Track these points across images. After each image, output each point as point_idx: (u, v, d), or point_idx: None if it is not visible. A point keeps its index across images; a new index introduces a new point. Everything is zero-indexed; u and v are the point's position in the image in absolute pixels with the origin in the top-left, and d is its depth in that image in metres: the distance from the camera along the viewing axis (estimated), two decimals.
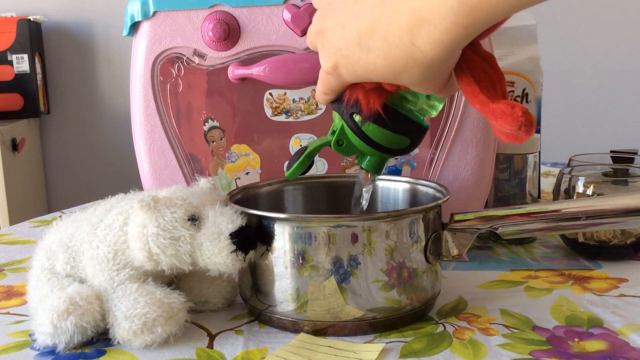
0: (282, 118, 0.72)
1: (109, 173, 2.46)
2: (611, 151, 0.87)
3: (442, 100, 0.53)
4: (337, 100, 0.53)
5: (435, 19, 0.41)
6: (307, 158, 0.57)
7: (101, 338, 0.56)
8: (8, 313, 0.64)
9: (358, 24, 0.45)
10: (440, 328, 0.57)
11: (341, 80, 0.50)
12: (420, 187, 0.66)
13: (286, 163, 0.61)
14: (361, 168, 0.58)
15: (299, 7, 0.68)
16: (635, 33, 2.36)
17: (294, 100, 0.72)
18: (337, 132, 0.54)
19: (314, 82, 0.69)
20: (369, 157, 0.56)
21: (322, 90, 0.52)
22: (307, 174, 0.73)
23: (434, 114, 0.54)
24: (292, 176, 0.58)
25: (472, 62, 0.46)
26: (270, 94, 0.72)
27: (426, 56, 0.43)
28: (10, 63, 2.22)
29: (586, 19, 2.35)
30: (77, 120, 2.48)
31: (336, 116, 0.55)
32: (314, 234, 0.54)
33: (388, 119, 0.51)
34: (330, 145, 0.55)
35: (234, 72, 0.70)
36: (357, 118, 0.52)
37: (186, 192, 0.58)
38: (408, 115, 0.52)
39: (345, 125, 0.53)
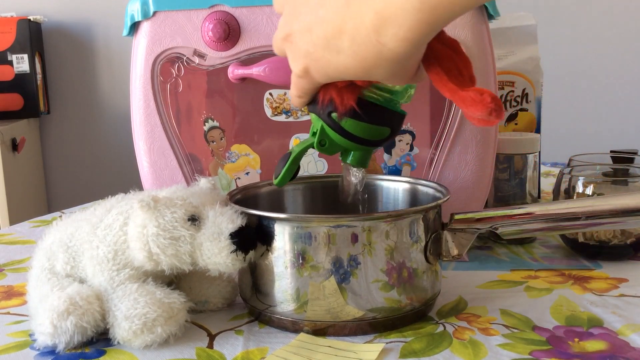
0: (282, 118, 0.72)
1: (109, 173, 2.46)
2: (611, 151, 0.87)
3: (413, 85, 0.54)
4: (312, 102, 0.53)
5: (398, 18, 0.42)
6: (293, 164, 0.58)
7: (101, 338, 0.56)
8: (8, 313, 0.64)
9: (324, 26, 0.46)
10: (440, 328, 0.57)
11: (313, 82, 0.51)
12: (420, 187, 0.66)
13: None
14: (346, 163, 0.58)
15: None
16: (635, 33, 2.36)
17: None
18: (318, 133, 0.55)
19: None
20: (353, 152, 0.57)
21: (296, 93, 0.53)
22: (307, 174, 0.74)
23: (408, 100, 0.55)
24: (281, 184, 0.59)
25: (438, 52, 0.48)
26: (270, 94, 0.72)
27: (394, 53, 0.44)
28: (10, 63, 2.22)
29: (586, 19, 2.35)
30: (77, 120, 2.48)
31: (314, 117, 0.55)
32: (314, 234, 0.54)
33: (364, 112, 0.52)
34: (313, 147, 0.56)
35: (234, 72, 0.70)
36: (334, 116, 0.53)
37: (186, 192, 0.58)
38: (383, 105, 0.53)
39: (324, 124, 0.54)
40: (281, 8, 0.51)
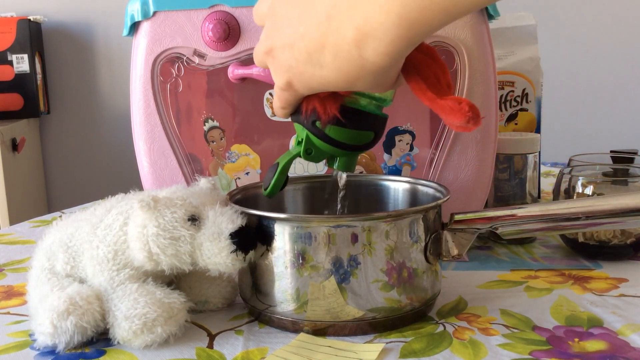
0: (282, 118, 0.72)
1: (109, 173, 2.46)
2: (611, 151, 0.87)
3: (393, 90, 0.55)
4: (295, 112, 0.54)
5: (378, 33, 0.43)
6: (281, 174, 0.58)
7: (101, 338, 0.56)
8: (8, 313, 0.64)
9: (306, 42, 0.47)
10: (440, 328, 0.57)
11: (297, 94, 0.52)
12: (420, 187, 0.66)
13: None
14: (334, 169, 0.59)
15: None
16: (635, 33, 2.36)
17: None
18: (303, 142, 0.55)
19: None
20: (339, 158, 0.58)
21: (280, 105, 0.54)
22: (307, 174, 0.74)
23: (389, 103, 0.55)
24: (271, 195, 0.59)
25: (417, 60, 0.49)
26: (270, 94, 0.72)
27: (376, 66, 0.45)
28: (10, 63, 2.23)
29: (586, 19, 2.35)
30: (77, 120, 2.48)
31: (298, 127, 0.56)
32: (314, 234, 0.54)
33: (347, 119, 0.53)
34: (300, 156, 0.56)
35: (234, 72, 0.70)
36: (318, 124, 0.53)
37: (186, 192, 0.58)
38: (365, 109, 0.54)
39: (309, 133, 0.55)
40: (262, 22, 0.52)
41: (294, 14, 0.48)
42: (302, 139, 0.56)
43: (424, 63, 0.49)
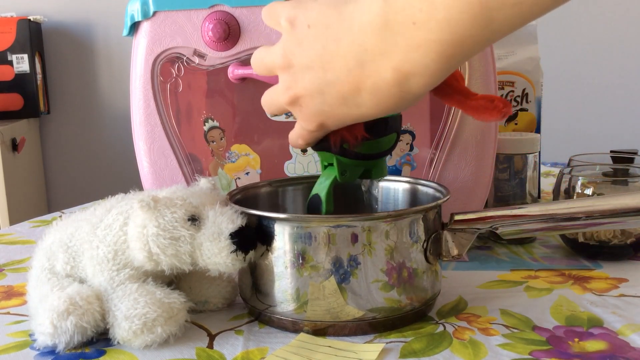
0: (282, 118, 0.72)
1: (109, 173, 2.47)
2: (611, 151, 0.87)
3: None
4: (319, 142, 0.55)
5: (419, 71, 0.44)
6: (328, 204, 0.58)
7: (101, 338, 0.56)
8: (8, 313, 0.64)
9: (338, 87, 0.48)
10: (440, 328, 0.57)
11: (327, 131, 0.53)
12: (420, 187, 0.66)
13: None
14: (371, 179, 0.62)
15: None
16: (636, 33, 2.36)
17: None
18: (336, 166, 0.57)
19: None
20: (373, 168, 0.59)
21: (304, 143, 0.55)
22: (307, 174, 0.74)
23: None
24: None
25: None
26: None
27: (416, 96, 0.47)
28: (10, 63, 2.23)
29: (586, 19, 2.35)
30: (77, 120, 2.48)
31: (322, 154, 0.57)
32: (314, 234, 0.54)
33: (372, 133, 0.54)
34: (337, 180, 0.57)
35: (234, 72, 0.70)
36: (346, 146, 0.55)
37: (186, 192, 0.58)
38: (385, 116, 0.54)
39: (339, 157, 0.56)
40: (267, 71, 0.53)
41: (316, 63, 0.48)
42: (331, 163, 0.57)
43: None
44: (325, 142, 0.55)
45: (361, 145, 0.55)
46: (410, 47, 0.43)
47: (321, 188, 0.58)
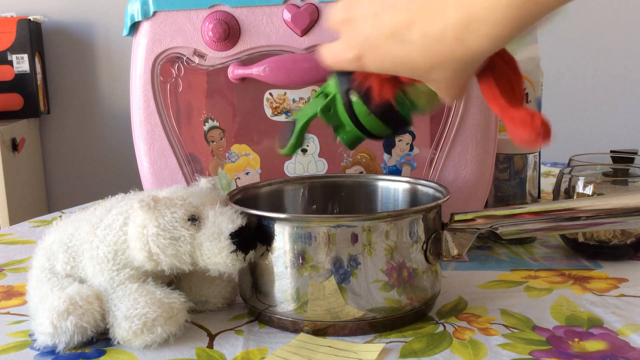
0: (282, 118, 0.72)
1: (109, 173, 2.46)
2: (611, 151, 0.87)
3: (438, 104, 0.53)
4: (342, 72, 0.51)
5: (485, 13, 0.39)
6: (301, 132, 0.55)
7: (101, 338, 0.56)
8: (8, 313, 0.64)
9: (393, 14, 0.43)
10: (440, 328, 0.57)
11: (361, 68, 0.48)
12: (420, 187, 0.66)
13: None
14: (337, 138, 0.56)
15: (299, 7, 0.68)
16: (636, 33, 2.36)
17: (294, 100, 0.72)
18: (328, 100, 0.53)
19: (314, 82, 0.69)
20: (347, 132, 0.55)
21: (331, 61, 0.50)
22: (307, 174, 0.74)
23: (423, 114, 0.54)
24: (290, 153, 0.56)
25: (495, 65, 0.46)
26: (270, 94, 0.72)
27: (469, 51, 0.42)
28: (10, 63, 2.22)
29: (586, 19, 2.35)
30: (77, 120, 2.48)
31: (333, 84, 0.53)
32: (314, 234, 0.54)
33: (384, 110, 0.51)
34: (317, 113, 0.54)
35: (234, 72, 0.70)
36: (353, 97, 0.51)
37: (186, 192, 0.58)
38: (401, 109, 0.52)
39: (338, 96, 0.52)
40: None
41: None
42: (329, 96, 0.53)
43: (502, 70, 0.46)
44: (347, 77, 0.51)
45: (362, 107, 0.51)
46: None
47: (300, 115, 0.55)
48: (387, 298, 0.56)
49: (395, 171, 0.74)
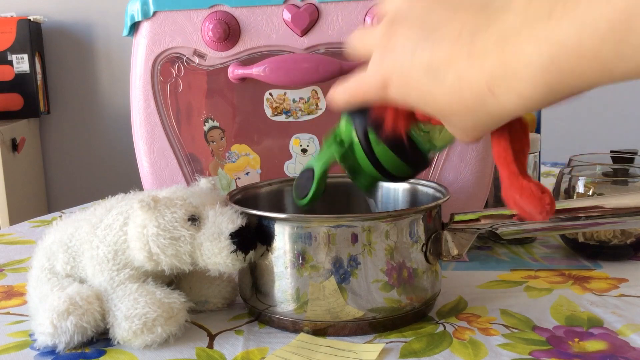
0: (282, 118, 0.72)
1: (109, 173, 2.46)
2: (611, 151, 0.87)
3: (452, 143, 0.51)
4: (356, 111, 0.49)
5: (523, 71, 0.38)
6: (321, 180, 0.53)
7: (101, 338, 0.56)
8: (8, 313, 0.64)
9: (433, 51, 0.42)
10: (440, 328, 0.57)
11: (382, 97, 0.46)
12: (420, 187, 0.66)
13: (299, 187, 0.57)
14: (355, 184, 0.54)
15: (299, 7, 0.68)
16: None
17: (294, 100, 0.72)
18: (347, 147, 0.50)
19: (314, 82, 0.69)
20: (366, 174, 0.52)
21: (351, 97, 0.48)
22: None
23: (437, 151, 0.52)
24: (312, 204, 0.55)
25: (513, 127, 0.45)
26: (270, 94, 0.72)
27: (499, 106, 0.41)
28: (10, 63, 2.23)
29: None
30: (77, 120, 2.48)
31: (347, 126, 0.51)
32: (314, 234, 0.54)
33: (402, 147, 0.49)
34: (337, 160, 0.51)
35: (234, 72, 0.70)
36: (371, 137, 0.49)
37: (186, 192, 0.58)
38: (419, 146, 0.49)
39: (355, 141, 0.50)
40: (388, 8, 0.47)
41: (424, 17, 0.43)
42: (346, 142, 0.50)
43: (517, 134, 0.45)
44: (361, 114, 0.49)
45: (382, 147, 0.48)
46: (527, 44, 0.38)
47: (317, 163, 0.53)
48: (387, 298, 0.56)
49: None
